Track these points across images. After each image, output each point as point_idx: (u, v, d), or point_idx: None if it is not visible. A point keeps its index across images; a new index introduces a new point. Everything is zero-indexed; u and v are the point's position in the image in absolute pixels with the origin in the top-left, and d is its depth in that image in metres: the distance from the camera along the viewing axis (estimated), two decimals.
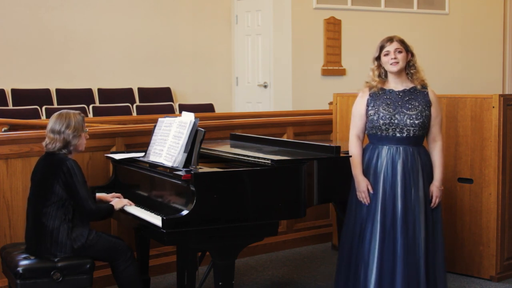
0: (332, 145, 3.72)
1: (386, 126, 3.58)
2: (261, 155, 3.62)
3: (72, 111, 3.62)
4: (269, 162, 3.40)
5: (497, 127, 4.45)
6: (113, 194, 3.88)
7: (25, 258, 3.47)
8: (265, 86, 8.83)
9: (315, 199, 3.70)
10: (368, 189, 3.59)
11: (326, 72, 8.77)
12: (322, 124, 5.60)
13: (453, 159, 4.65)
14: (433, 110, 3.63)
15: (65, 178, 3.45)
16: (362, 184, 3.61)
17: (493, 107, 4.46)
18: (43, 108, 7.46)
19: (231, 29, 9.14)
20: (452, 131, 4.64)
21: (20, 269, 3.38)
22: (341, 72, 8.75)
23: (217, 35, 9.08)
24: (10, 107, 7.57)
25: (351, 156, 3.65)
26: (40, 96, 7.81)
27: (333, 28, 8.80)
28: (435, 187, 3.64)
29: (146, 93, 8.54)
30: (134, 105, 8.18)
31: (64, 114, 3.58)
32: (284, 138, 5.16)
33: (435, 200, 3.63)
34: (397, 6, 9.35)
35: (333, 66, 8.81)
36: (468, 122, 4.57)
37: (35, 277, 3.39)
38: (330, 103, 6.21)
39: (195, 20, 8.91)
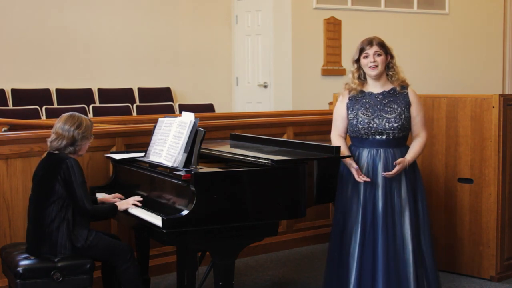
0: (332, 145, 3.72)
1: (365, 130, 3.59)
2: (261, 155, 3.62)
3: (83, 116, 3.65)
4: (269, 162, 3.40)
5: (497, 127, 4.45)
6: (115, 194, 3.88)
7: (25, 258, 3.46)
8: (265, 86, 8.83)
9: (315, 199, 3.71)
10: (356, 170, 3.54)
11: (326, 72, 8.77)
12: (322, 124, 5.58)
13: (453, 159, 4.65)
14: (413, 110, 3.63)
15: (64, 176, 3.45)
16: (352, 165, 3.56)
17: (493, 107, 4.45)
18: (43, 108, 7.46)
19: (231, 29, 9.14)
20: (452, 131, 4.64)
21: (20, 269, 3.38)
22: (341, 72, 8.74)
23: (217, 35, 9.08)
24: (10, 107, 7.57)
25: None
26: (40, 96, 7.81)
27: (333, 28, 8.80)
28: (402, 159, 3.52)
29: (146, 93, 8.54)
30: (134, 105, 8.17)
31: (76, 116, 3.62)
32: (284, 138, 5.16)
33: (396, 170, 3.50)
34: (397, 6, 9.34)
35: (333, 66, 8.81)
36: (468, 122, 4.57)
37: (35, 277, 3.38)
38: (330, 103, 6.21)
39: (195, 20, 8.90)
